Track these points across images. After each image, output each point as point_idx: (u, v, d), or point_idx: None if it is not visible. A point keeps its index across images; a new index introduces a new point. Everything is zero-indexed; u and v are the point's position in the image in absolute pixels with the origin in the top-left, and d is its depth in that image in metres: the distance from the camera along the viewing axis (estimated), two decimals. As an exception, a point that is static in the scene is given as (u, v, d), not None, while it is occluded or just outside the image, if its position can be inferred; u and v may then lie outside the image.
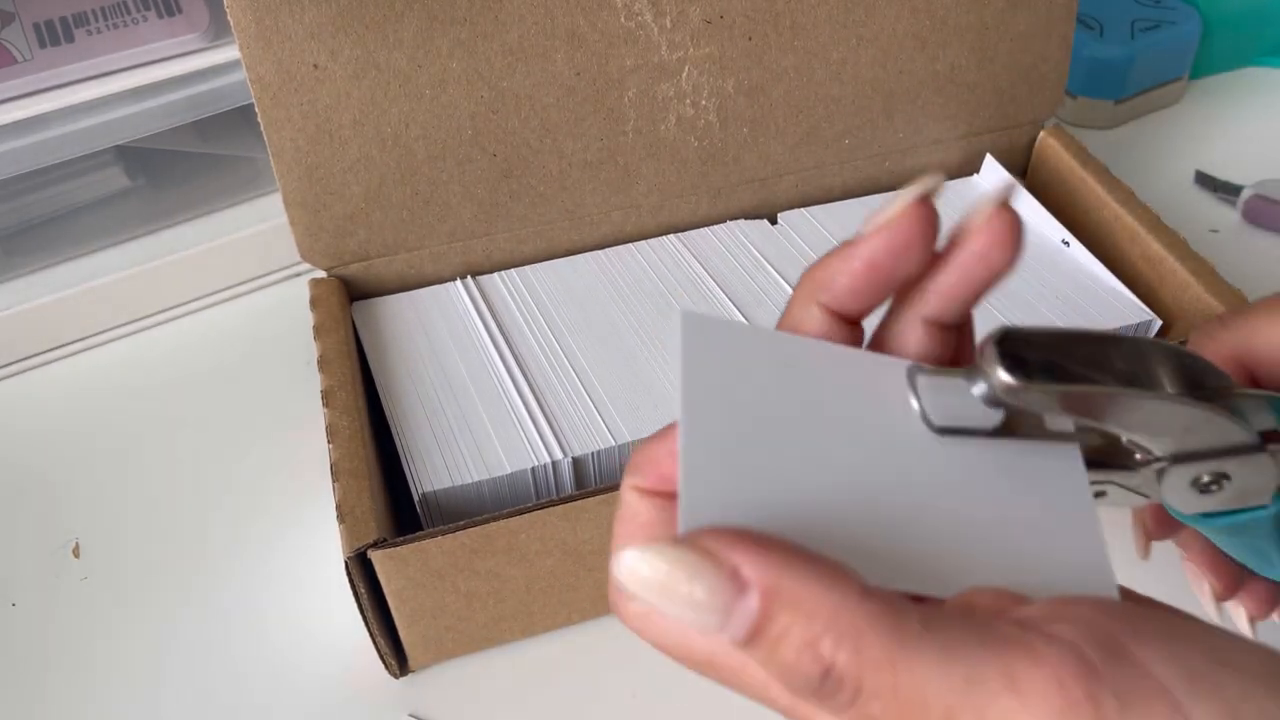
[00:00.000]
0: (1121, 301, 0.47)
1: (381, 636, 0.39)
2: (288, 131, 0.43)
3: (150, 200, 0.55)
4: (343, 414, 0.40)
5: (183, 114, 0.51)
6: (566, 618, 0.42)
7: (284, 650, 0.42)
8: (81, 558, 0.45)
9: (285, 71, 0.42)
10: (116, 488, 0.48)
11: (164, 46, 0.49)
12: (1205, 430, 0.23)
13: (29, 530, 0.46)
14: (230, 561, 0.45)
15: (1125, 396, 0.21)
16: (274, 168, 0.44)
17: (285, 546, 0.45)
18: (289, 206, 0.45)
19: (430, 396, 0.43)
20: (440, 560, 0.36)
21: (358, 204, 0.46)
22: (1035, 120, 0.55)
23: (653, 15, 0.46)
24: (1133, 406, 0.22)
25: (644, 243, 0.51)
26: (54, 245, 0.53)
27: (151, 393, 0.52)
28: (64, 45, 0.49)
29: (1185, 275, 0.46)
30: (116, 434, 0.50)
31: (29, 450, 0.50)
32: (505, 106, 0.46)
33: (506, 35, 0.44)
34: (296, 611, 0.43)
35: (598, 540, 0.38)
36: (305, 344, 0.46)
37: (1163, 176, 0.62)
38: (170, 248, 0.54)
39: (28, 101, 0.48)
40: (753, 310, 0.46)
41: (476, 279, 0.49)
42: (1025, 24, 0.51)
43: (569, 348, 0.45)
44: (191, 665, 0.42)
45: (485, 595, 0.39)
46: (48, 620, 0.43)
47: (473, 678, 0.41)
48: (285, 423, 0.50)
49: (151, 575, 0.45)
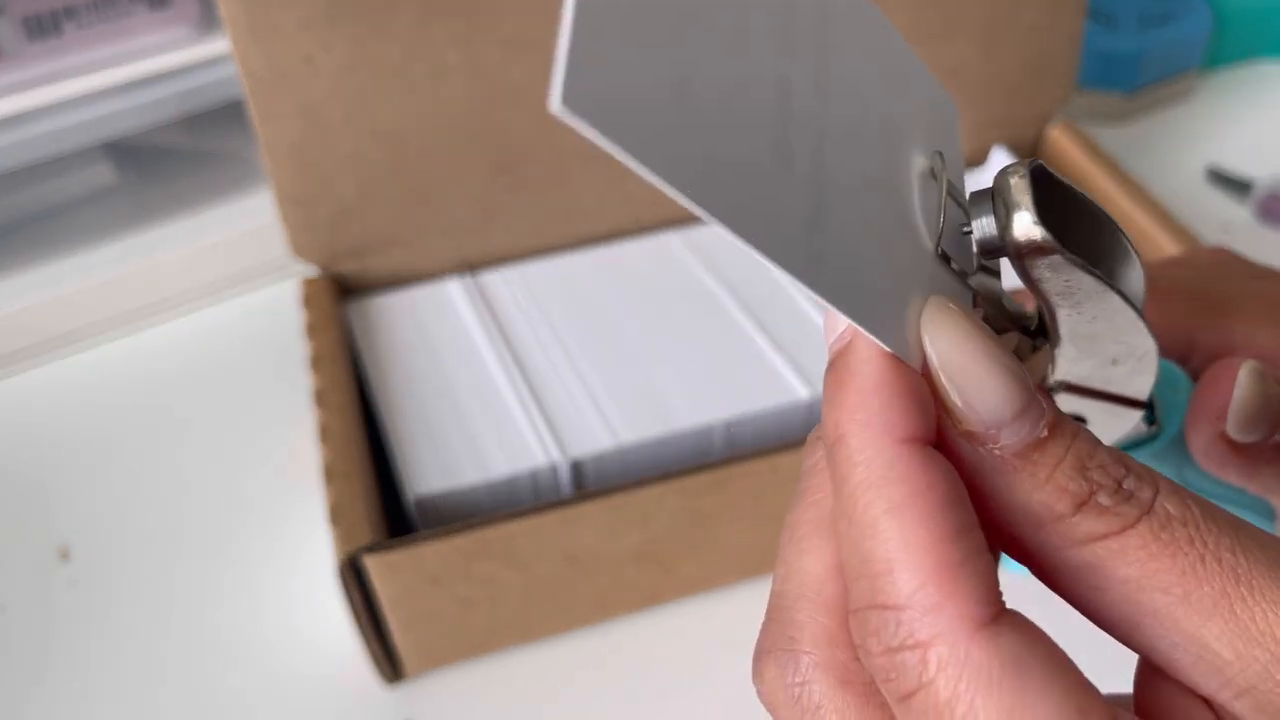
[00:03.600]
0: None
1: (375, 642, 0.38)
2: (279, 126, 0.42)
3: (139, 197, 0.54)
4: (335, 414, 0.39)
5: (172, 109, 0.50)
6: (565, 624, 0.41)
7: (275, 655, 0.41)
8: (70, 561, 0.45)
9: (276, 65, 0.41)
10: (104, 490, 0.47)
11: (154, 40, 0.49)
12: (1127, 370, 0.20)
13: (16, 534, 0.46)
14: (220, 565, 0.44)
15: (1124, 316, 0.19)
16: (265, 163, 0.43)
17: (276, 550, 0.45)
18: (281, 202, 0.45)
19: (425, 397, 0.42)
20: (435, 565, 0.36)
21: (351, 199, 0.45)
22: (1044, 114, 0.54)
23: (653, 6, 0.45)
24: (1117, 327, 0.19)
25: (643, 238, 0.50)
26: (41, 243, 0.52)
27: (141, 393, 0.51)
28: (52, 39, 0.48)
29: (1198, 272, 0.45)
30: (104, 435, 0.50)
31: (15, 453, 0.49)
32: (502, 100, 0.45)
33: (502, 27, 0.43)
34: (288, 616, 0.42)
35: (596, 544, 0.38)
36: (297, 343, 0.45)
37: (1174, 172, 0.61)
38: (159, 245, 0.53)
39: (16, 96, 0.47)
40: (754, 308, 0.45)
41: (472, 276, 0.49)
42: (1034, 16, 0.50)
43: (567, 346, 0.44)
44: (182, 670, 0.41)
45: (481, 601, 0.38)
46: (36, 625, 0.43)
47: (468, 685, 0.40)
48: (276, 423, 0.49)
49: (141, 579, 0.44)
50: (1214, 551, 0.16)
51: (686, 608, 0.42)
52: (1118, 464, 0.17)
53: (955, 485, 0.16)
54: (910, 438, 0.16)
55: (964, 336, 0.17)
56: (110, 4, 0.49)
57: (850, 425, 0.17)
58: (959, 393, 0.17)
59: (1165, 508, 0.16)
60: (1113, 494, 0.16)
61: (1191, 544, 0.16)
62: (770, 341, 0.44)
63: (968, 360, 0.17)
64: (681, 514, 0.38)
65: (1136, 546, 0.16)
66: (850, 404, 0.17)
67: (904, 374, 0.17)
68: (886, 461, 0.16)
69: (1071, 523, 0.16)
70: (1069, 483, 0.16)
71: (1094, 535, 0.16)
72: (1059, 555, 0.17)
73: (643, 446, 0.40)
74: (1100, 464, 0.16)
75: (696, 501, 0.37)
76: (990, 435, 0.17)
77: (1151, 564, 0.16)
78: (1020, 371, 0.17)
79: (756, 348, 0.43)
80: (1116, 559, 0.16)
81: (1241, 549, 0.16)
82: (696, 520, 0.38)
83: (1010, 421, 0.16)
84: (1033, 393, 0.17)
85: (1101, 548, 0.16)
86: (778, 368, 0.42)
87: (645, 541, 0.38)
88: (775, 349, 0.43)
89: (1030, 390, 0.17)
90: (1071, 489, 0.16)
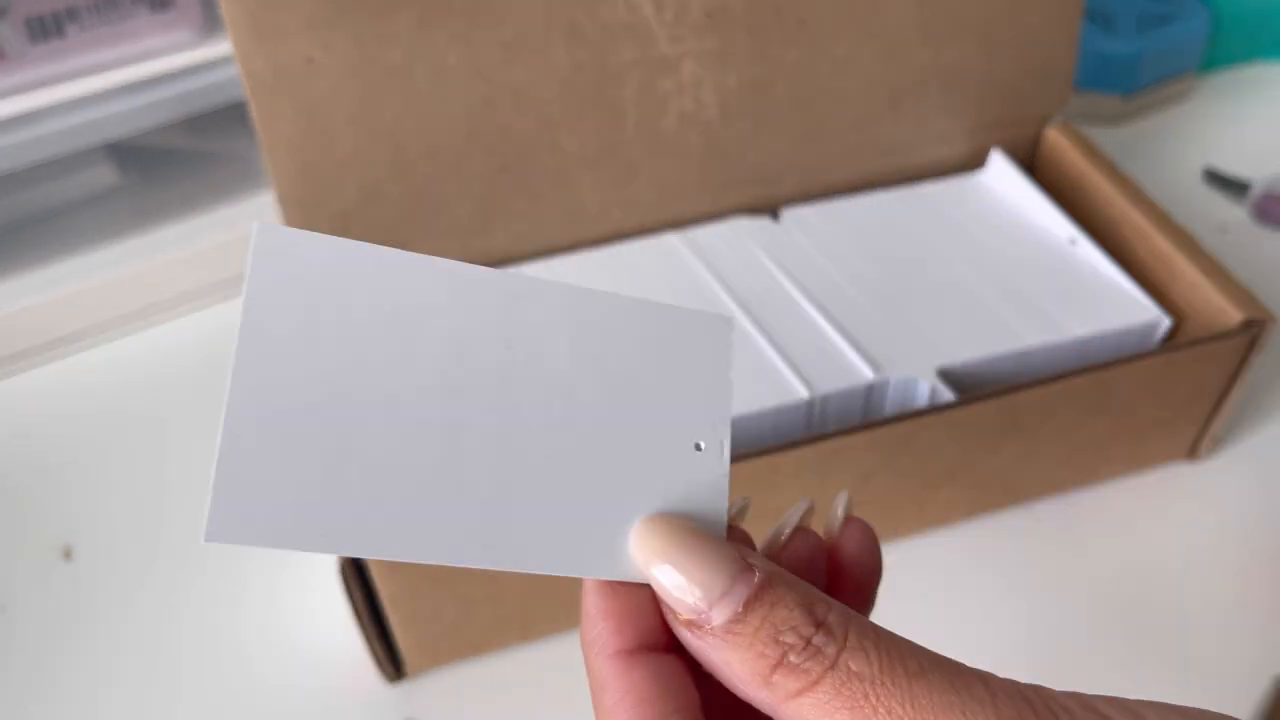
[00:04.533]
0: (1130, 300, 0.46)
1: (377, 641, 0.38)
2: (281, 127, 0.43)
3: (141, 198, 0.54)
4: (336, 415, 0.39)
5: (175, 110, 0.50)
6: (565, 622, 0.41)
7: (277, 654, 0.41)
8: (73, 560, 0.45)
9: (278, 66, 0.41)
10: (107, 490, 0.47)
11: (156, 41, 0.49)
12: None
13: (19, 533, 0.46)
14: (222, 564, 0.44)
15: None
16: (267, 164, 0.43)
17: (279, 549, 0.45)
18: (282, 203, 0.45)
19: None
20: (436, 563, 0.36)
21: (352, 200, 0.45)
22: (1042, 115, 0.54)
23: (653, 8, 0.45)
24: None
25: (644, 239, 0.50)
26: (43, 244, 0.52)
27: (143, 393, 0.51)
28: (55, 40, 0.48)
29: (1195, 273, 0.45)
30: (107, 435, 0.50)
31: (19, 452, 0.49)
32: (503, 101, 0.45)
33: (504, 29, 0.43)
34: (290, 616, 0.43)
35: (597, 544, 0.38)
36: (299, 343, 0.45)
37: (1171, 173, 0.62)
38: (161, 246, 0.53)
39: (19, 98, 0.47)
40: (754, 308, 0.46)
41: (474, 277, 0.49)
42: (1032, 18, 0.51)
43: (568, 347, 0.45)
44: (184, 669, 0.41)
45: (483, 599, 0.38)
46: (39, 624, 0.43)
47: (470, 683, 0.40)
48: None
49: (143, 578, 0.44)
50: (885, 704, 0.18)
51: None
52: (809, 623, 0.19)
53: (657, 681, 0.20)
54: (617, 651, 0.20)
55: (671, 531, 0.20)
56: (112, 6, 0.49)
57: (582, 646, 0.21)
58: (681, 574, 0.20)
59: (848, 664, 0.18)
60: (800, 652, 0.19)
61: (866, 698, 0.18)
62: (770, 341, 0.44)
63: (677, 548, 0.20)
64: (681, 513, 0.38)
65: (824, 700, 0.18)
66: (581, 628, 0.21)
67: (614, 596, 0.20)
68: (599, 673, 0.20)
69: (774, 682, 0.19)
70: (765, 647, 0.19)
71: (791, 692, 0.19)
72: (779, 712, 0.19)
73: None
74: (792, 625, 0.19)
75: (696, 501, 0.38)
76: (704, 618, 0.19)
77: (837, 716, 0.18)
78: (727, 547, 0.20)
79: (757, 347, 0.43)
80: (814, 711, 0.19)
81: (912, 701, 0.18)
82: (696, 519, 0.38)
83: (720, 598, 0.19)
84: (741, 561, 0.20)
85: (804, 701, 0.19)
86: (777, 367, 0.42)
87: (645, 541, 0.38)
88: (775, 349, 0.43)
89: (737, 559, 0.20)
90: (768, 653, 0.19)
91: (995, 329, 0.44)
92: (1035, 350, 0.44)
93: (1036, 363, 0.44)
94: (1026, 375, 0.44)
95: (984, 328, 0.45)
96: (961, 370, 0.43)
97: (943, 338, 0.44)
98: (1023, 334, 0.44)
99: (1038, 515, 0.45)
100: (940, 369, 0.43)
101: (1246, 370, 0.44)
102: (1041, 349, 0.44)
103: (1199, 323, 0.45)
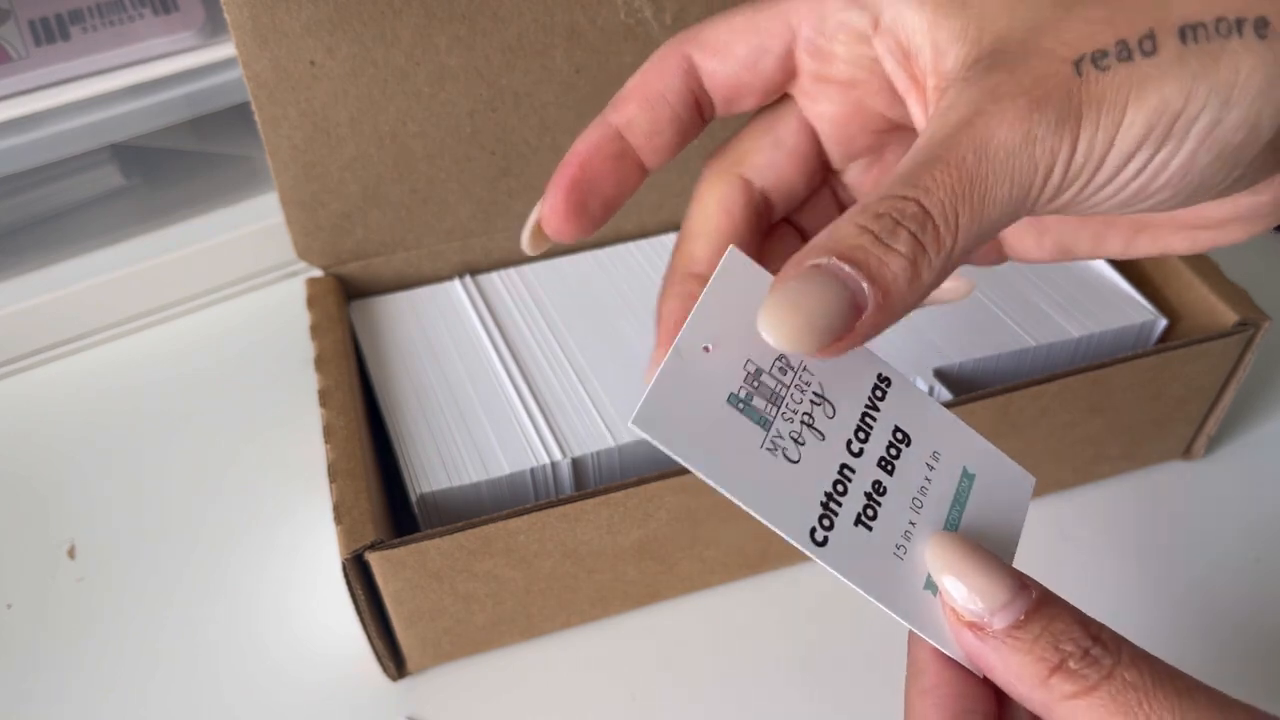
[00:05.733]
0: (1126, 301, 0.46)
1: (379, 639, 0.38)
2: (284, 129, 0.43)
3: (146, 199, 0.54)
4: (339, 414, 0.39)
5: (179, 112, 0.50)
6: (566, 620, 0.41)
7: (280, 651, 0.42)
8: (77, 559, 0.45)
9: (282, 69, 0.42)
10: (112, 489, 0.48)
11: (160, 43, 0.49)
12: None
13: (25, 531, 0.46)
14: (226, 562, 0.45)
15: None
16: (270, 166, 0.44)
17: (281, 547, 0.45)
18: (285, 205, 0.45)
19: (428, 396, 0.43)
20: (438, 562, 0.36)
21: (355, 202, 0.46)
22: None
23: (653, 11, 0.45)
24: None
25: (644, 241, 0.50)
26: (48, 245, 0.53)
27: (147, 393, 0.52)
28: (60, 43, 0.48)
29: (1189, 274, 0.46)
30: (112, 434, 0.50)
31: (24, 451, 0.49)
32: (504, 104, 0.45)
33: (505, 32, 0.44)
34: (293, 613, 0.43)
35: (597, 542, 0.38)
36: (302, 343, 0.45)
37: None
38: (165, 247, 0.53)
39: (23, 99, 0.48)
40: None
41: (475, 278, 0.49)
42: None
43: (568, 347, 0.45)
44: (187, 666, 0.41)
45: (484, 597, 0.38)
46: (44, 622, 0.43)
47: (471, 680, 0.41)
48: (281, 423, 0.49)
49: (147, 576, 0.44)
50: (1157, 714, 0.21)
51: (686, 604, 0.43)
52: (1086, 636, 0.22)
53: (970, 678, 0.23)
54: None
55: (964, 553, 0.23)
56: (117, 8, 0.49)
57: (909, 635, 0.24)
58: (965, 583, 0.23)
59: (1124, 675, 0.21)
60: (1080, 660, 0.21)
61: (1140, 705, 0.21)
62: (768, 342, 0.44)
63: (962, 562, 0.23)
64: (681, 512, 0.38)
65: (1099, 704, 0.21)
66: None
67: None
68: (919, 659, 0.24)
69: (1051, 684, 0.21)
70: (1045, 652, 0.22)
71: (1068, 694, 0.21)
72: (1052, 712, 0.22)
73: (642, 445, 0.41)
74: (1071, 636, 0.22)
75: (696, 499, 0.38)
76: (986, 623, 0.22)
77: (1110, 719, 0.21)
78: (1008, 568, 0.23)
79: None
80: (1088, 714, 0.21)
81: (1182, 715, 0.21)
82: (696, 518, 0.39)
83: (1000, 609, 0.22)
84: (1020, 581, 0.23)
85: (1078, 704, 0.21)
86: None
87: (645, 539, 0.39)
88: (773, 349, 0.44)
89: (1016, 579, 0.23)
90: (1048, 657, 0.22)
91: (991, 329, 0.45)
92: (1031, 350, 0.44)
93: (1032, 362, 0.45)
94: (1022, 375, 0.44)
95: (980, 328, 0.45)
96: (957, 370, 0.43)
97: (939, 337, 0.44)
98: (1019, 334, 0.45)
99: (1033, 514, 0.46)
100: (936, 369, 0.43)
101: (1241, 370, 0.44)
102: (1037, 349, 0.44)
103: (1194, 323, 0.46)
